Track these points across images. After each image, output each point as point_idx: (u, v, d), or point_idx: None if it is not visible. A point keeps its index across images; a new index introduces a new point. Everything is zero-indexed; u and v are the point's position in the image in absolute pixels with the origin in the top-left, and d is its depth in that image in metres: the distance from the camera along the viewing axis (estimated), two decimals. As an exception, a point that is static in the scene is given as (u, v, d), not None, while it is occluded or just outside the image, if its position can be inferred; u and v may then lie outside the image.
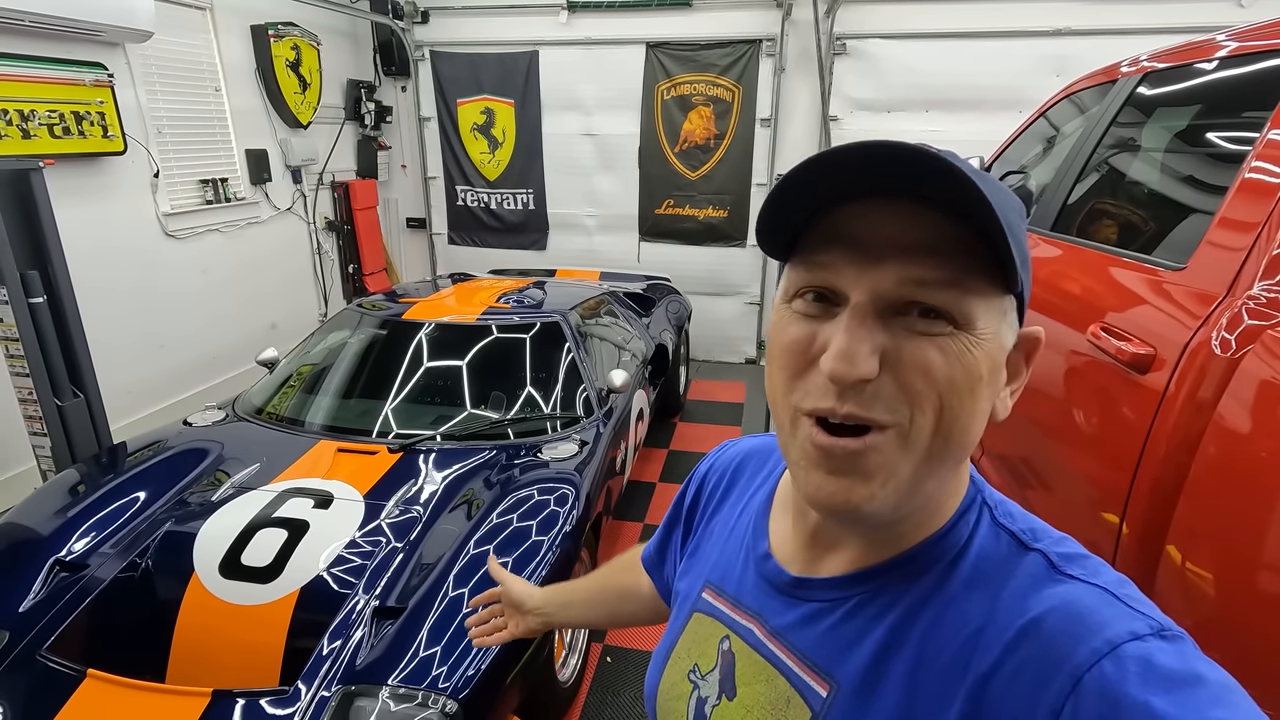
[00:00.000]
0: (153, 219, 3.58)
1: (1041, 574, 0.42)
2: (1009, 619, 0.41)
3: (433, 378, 2.52)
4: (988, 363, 0.41)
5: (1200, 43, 1.56)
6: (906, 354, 0.40)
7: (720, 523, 0.63)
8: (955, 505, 0.47)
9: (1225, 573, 1.02)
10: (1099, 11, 4.18)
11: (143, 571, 1.72)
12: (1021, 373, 0.46)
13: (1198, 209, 1.35)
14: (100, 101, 3.10)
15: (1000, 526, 0.46)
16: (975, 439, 0.43)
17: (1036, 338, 0.45)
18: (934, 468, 0.42)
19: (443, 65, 5.18)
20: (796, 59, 4.66)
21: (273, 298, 4.51)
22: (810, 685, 0.48)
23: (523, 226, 5.43)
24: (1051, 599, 0.41)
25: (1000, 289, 0.41)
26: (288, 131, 4.49)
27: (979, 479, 0.49)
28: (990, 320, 0.41)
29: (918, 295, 0.40)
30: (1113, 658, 0.37)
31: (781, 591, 0.52)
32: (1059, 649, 0.38)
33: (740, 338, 5.31)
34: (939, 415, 0.41)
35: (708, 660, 0.56)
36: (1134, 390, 1.22)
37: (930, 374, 0.40)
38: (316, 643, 1.53)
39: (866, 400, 0.40)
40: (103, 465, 2.15)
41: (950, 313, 0.40)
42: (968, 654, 0.41)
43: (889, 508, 0.43)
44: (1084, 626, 0.39)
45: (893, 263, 0.40)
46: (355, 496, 1.92)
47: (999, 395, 0.44)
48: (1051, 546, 0.44)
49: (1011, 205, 0.41)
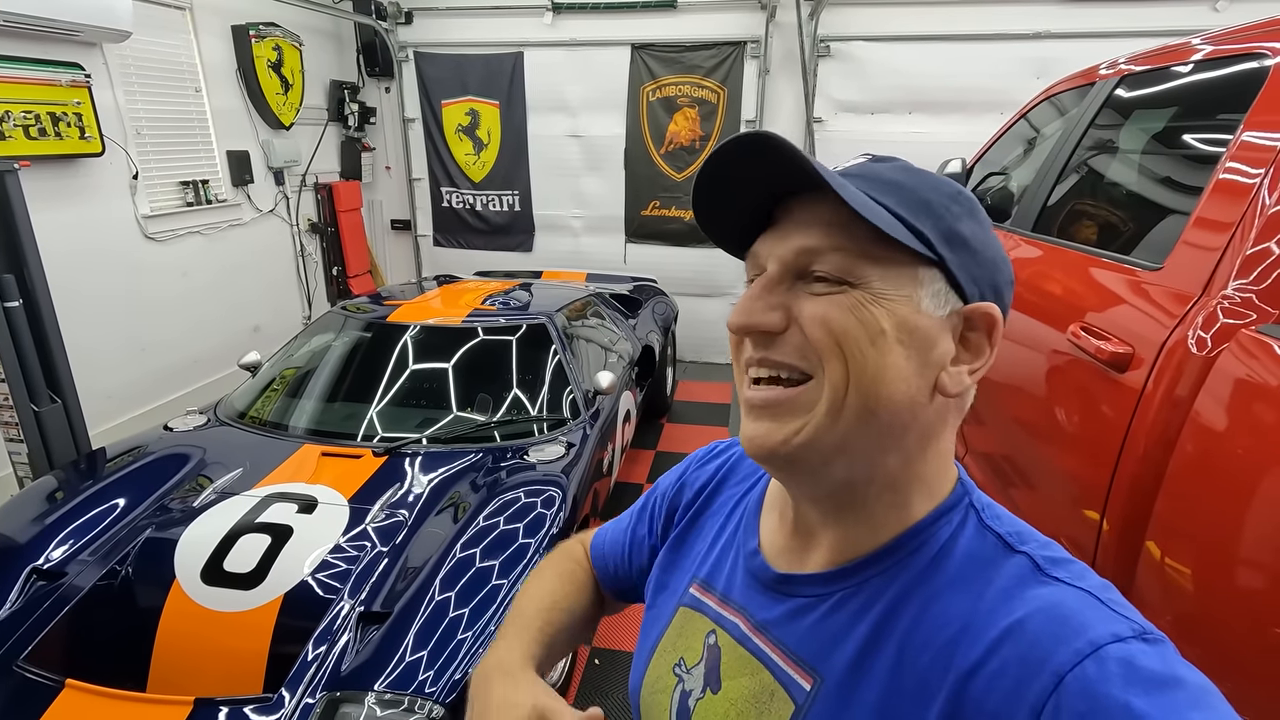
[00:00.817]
0: (132, 221, 3.53)
1: (1027, 576, 0.43)
2: (993, 618, 0.42)
3: (418, 380, 2.51)
4: (892, 320, 0.44)
5: (1176, 46, 1.59)
6: (805, 310, 0.45)
7: (709, 520, 0.64)
8: (933, 501, 0.48)
9: (1202, 568, 1.04)
10: (1078, 15, 4.24)
11: (122, 579, 1.69)
12: (985, 352, 0.47)
13: (1174, 209, 1.37)
14: (77, 102, 3.05)
15: (987, 528, 0.47)
16: (893, 394, 0.44)
17: (988, 313, 0.46)
18: (855, 421, 0.45)
19: (427, 66, 5.15)
20: (781, 61, 4.68)
21: (255, 301, 4.46)
22: (794, 679, 0.48)
23: (508, 228, 5.42)
24: (1036, 600, 0.41)
25: (910, 257, 0.44)
26: (270, 133, 4.44)
27: (968, 482, 0.50)
28: (895, 283, 0.44)
29: (809, 261, 0.46)
30: (1095, 658, 0.37)
31: (768, 587, 0.53)
32: (1042, 649, 0.39)
33: (726, 338, 5.28)
34: (845, 365, 0.44)
35: (693, 654, 0.57)
36: (1113, 389, 1.24)
37: (826, 324, 0.44)
38: (301, 649, 1.52)
39: (776, 349, 0.46)
40: (81, 471, 2.11)
41: (838, 275, 0.45)
42: (950, 651, 0.42)
43: (812, 454, 0.46)
44: (1068, 628, 0.39)
45: (794, 237, 0.46)
46: (340, 501, 1.90)
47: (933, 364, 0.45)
48: (1037, 550, 0.45)
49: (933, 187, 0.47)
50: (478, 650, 1.52)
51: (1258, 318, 1.03)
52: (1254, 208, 1.09)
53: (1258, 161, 1.13)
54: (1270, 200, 1.07)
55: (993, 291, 0.47)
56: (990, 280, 0.47)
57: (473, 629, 1.56)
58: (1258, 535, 0.94)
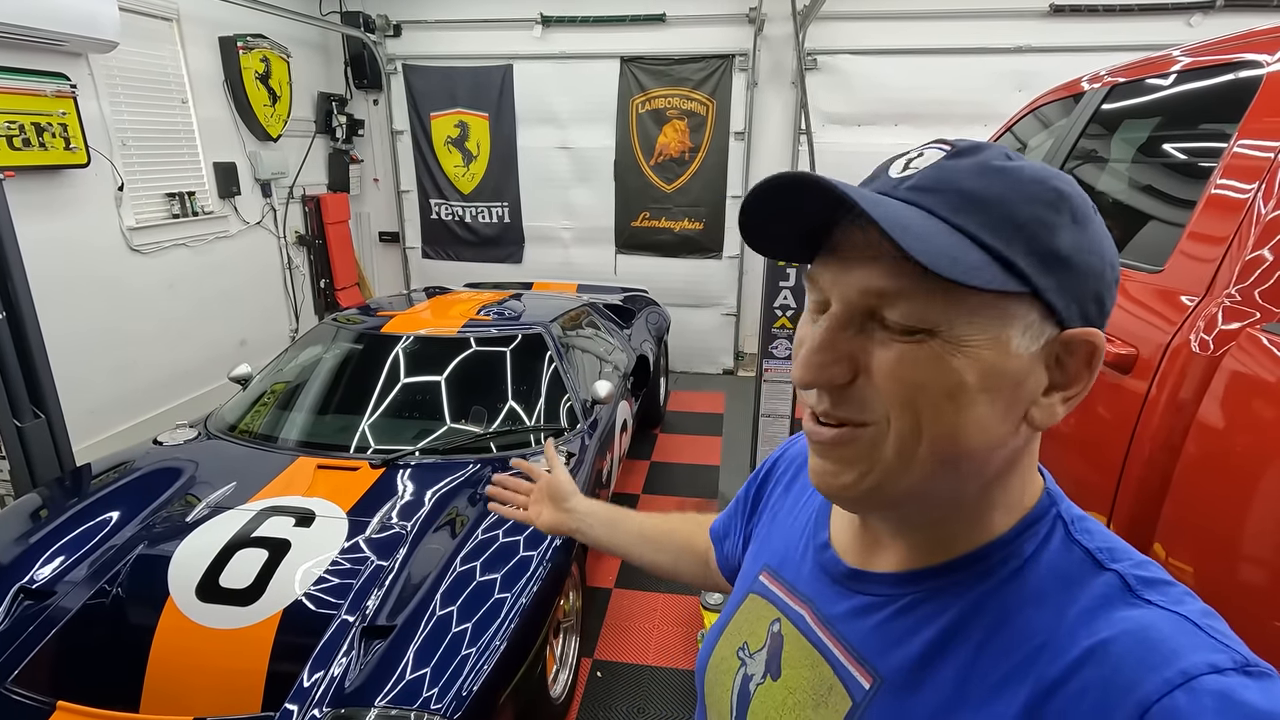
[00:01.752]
0: (117, 233, 3.47)
1: (1115, 595, 0.40)
2: (1074, 637, 0.39)
3: (414, 392, 2.48)
4: (976, 369, 0.39)
5: (1163, 56, 1.62)
6: (876, 360, 0.41)
7: (785, 510, 0.64)
8: (1014, 515, 0.45)
9: (1210, 570, 1.04)
10: (1058, 30, 4.34)
11: (114, 597, 1.65)
12: (1082, 378, 0.42)
13: (1175, 209, 1.39)
14: (62, 113, 3.00)
15: (1074, 542, 0.44)
16: (976, 445, 0.41)
17: (1092, 340, 0.41)
18: (928, 469, 0.42)
19: (416, 79, 5.15)
20: (769, 74, 4.74)
21: (242, 313, 4.40)
22: (854, 676, 0.48)
23: (498, 239, 5.41)
24: (1124, 622, 0.38)
25: (1004, 293, 0.39)
26: (257, 144, 4.41)
27: (1056, 492, 0.47)
28: (979, 325, 0.39)
29: (877, 306, 0.41)
30: (1187, 690, 0.34)
31: (836, 581, 0.52)
32: (1126, 675, 0.36)
33: (718, 349, 5.34)
34: (917, 418, 0.40)
35: (757, 640, 0.57)
36: (1117, 392, 1.25)
37: (900, 378, 0.40)
38: (301, 666, 1.48)
39: (842, 401, 0.43)
40: (66, 488, 2.06)
41: (909, 322, 0.40)
42: (1026, 669, 0.40)
43: (879, 501, 0.44)
44: (1157, 654, 0.36)
45: (859, 271, 0.41)
46: (338, 514, 1.87)
47: (1022, 400, 0.41)
48: (1130, 569, 0.41)
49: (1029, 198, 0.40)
50: (482, 665, 1.50)
51: (1262, 317, 1.04)
52: (1257, 208, 1.12)
53: (1253, 172, 1.16)
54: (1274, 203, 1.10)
55: (1095, 303, 0.42)
56: (1093, 292, 0.41)
57: (476, 644, 1.53)
58: (1265, 535, 0.95)
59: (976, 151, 0.41)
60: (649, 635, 2.41)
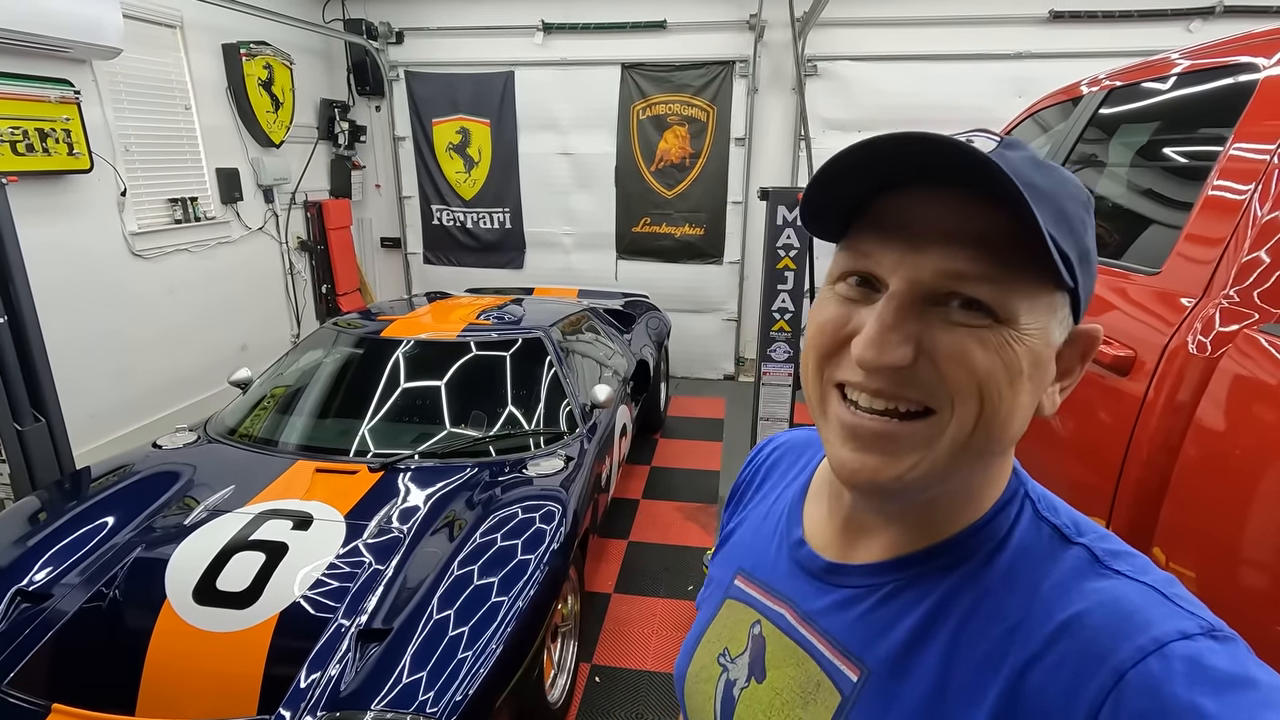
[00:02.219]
0: (119, 238, 3.49)
1: (1085, 568, 0.42)
2: (1050, 612, 0.40)
3: (413, 395, 2.48)
4: (1030, 358, 0.40)
5: (1160, 60, 1.63)
6: (943, 344, 0.40)
7: (754, 512, 0.63)
8: (995, 497, 0.46)
9: (1210, 573, 1.04)
10: (1057, 36, 4.35)
11: (111, 600, 1.65)
12: (1075, 370, 0.45)
13: (1172, 211, 1.39)
14: (66, 119, 3.02)
15: (1043, 520, 0.45)
16: (1018, 433, 0.42)
17: (1093, 335, 0.44)
18: (973, 459, 0.42)
19: (418, 85, 5.17)
20: (769, 80, 4.75)
21: (243, 318, 4.41)
22: (840, 669, 0.48)
23: (499, 245, 5.42)
24: (1096, 594, 0.40)
25: (1049, 284, 0.40)
26: (260, 150, 4.43)
27: (1022, 472, 0.48)
28: (1036, 316, 0.40)
29: (956, 287, 0.40)
30: (1159, 656, 0.36)
31: (815, 577, 0.52)
32: (1102, 644, 0.37)
33: (719, 354, 5.34)
34: (980, 406, 0.40)
35: (738, 644, 0.56)
36: (1116, 394, 1.25)
37: (969, 365, 0.40)
38: (297, 670, 1.48)
39: (901, 384, 0.41)
40: (65, 491, 2.06)
41: (990, 306, 0.39)
42: (1005, 646, 0.41)
43: (918, 489, 0.43)
44: (1130, 623, 0.38)
45: (932, 252, 0.40)
46: (336, 517, 1.87)
47: (1043, 389, 0.43)
48: (1096, 542, 0.43)
49: (1073, 196, 0.41)
50: (478, 669, 1.49)
51: (1259, 318, 1.04)
52: (1252, 210, 1.11)
53: (1249, 174, 1.16)
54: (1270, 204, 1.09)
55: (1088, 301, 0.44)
56: (1091, 290, 0.44)
57: (473, 647, 1.53)
58: (1264, 537, 0.95)
59: (1022, 146, 0.41)
60: (648, 640, 2.40)
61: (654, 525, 3.14)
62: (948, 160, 0.38)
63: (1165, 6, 4.20)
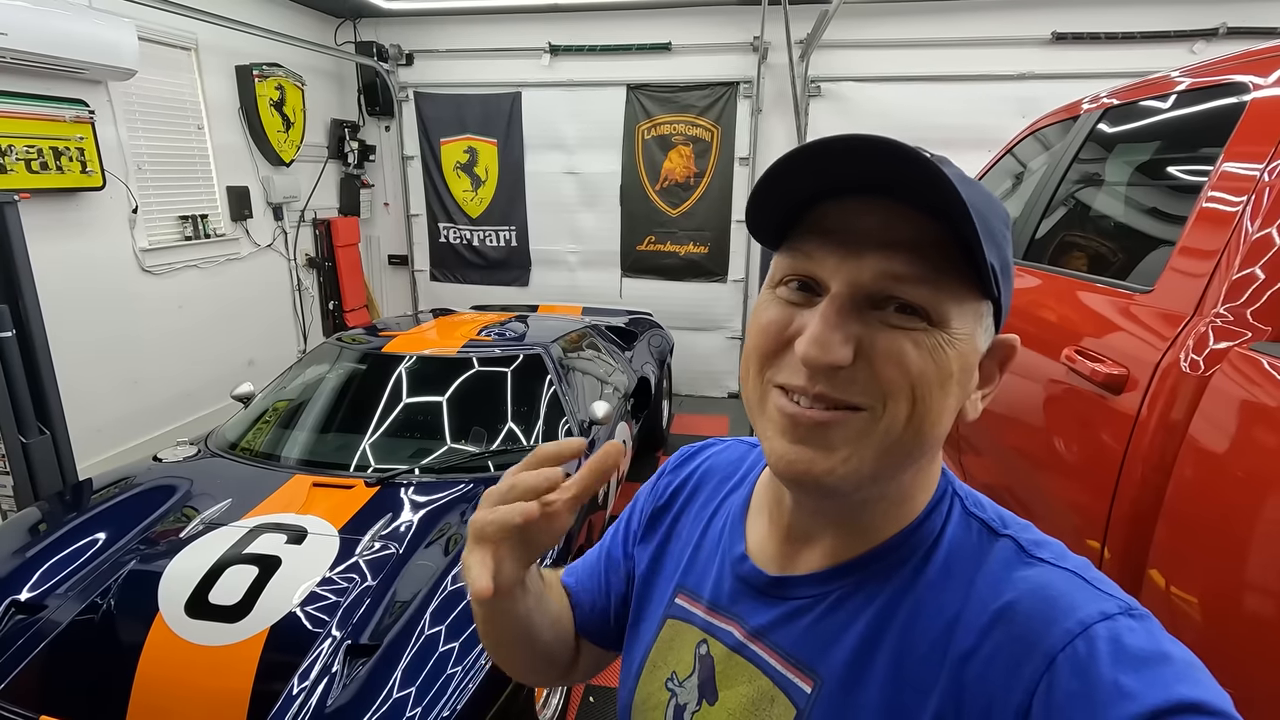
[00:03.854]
0: (130, 254, 3.54)
1: (1012, 558, 0.44)
2: (984, 604, 0.42)
3: (413, 411, 2.49)
4: (959, 362, 0.43)
5: (1156, 79, 1.63)
6: (881, 344, 0.42)
7: (687, 528, 0.61)
8: (927, 498, 0.48)
9: (1206, 595, 1.02)
10: (1061, 57, 4.37)
11: (104, 612, 1.65)
12: (995, 378, 0.47)
13: (1165, 228, 1.39)
14: (80, 137, 3.09)
15: (971, 515, 0.47)
16: (943, 433, 0.44)
17: (1011, 345, 0.47)
18: (901, 457, 0.44)
19: (426, 106, 5.26)
20: (773, 100, 4.80)
21: (251, 334, 4.46)
22: (794, 682, 0.47)
23: (505, 263, 5.46)
24: (1024, 582, 0.42)
25: (977, 294, 0.42)
26: (270, 169, 4.50)
27: (948, 472, 0.50)
28: (965, 322, 0.43)
29: (894, 290, 0.41)
30: (1084, 637, 0.38)
31: (760, 592, 0.52)
32: (1033, 631, 0.40)
33: (722, 372, 5.33)
34: (912, 406, 0.42)
35: (685, 666, 0.55)
36: (1109, 414, 1.24)
37: (904, 365, 0.41)
38: (285, 685, 1.47)
39: (838, 385, 0.42)
40: (66, 503, 2.08)
41: (925, 309, 0.41)
42: (945, 640, 0.43)
43: (850, 485, 0.43)
44: (1056, 609, 0.40)
45: (872, 256, 0.41)
46: (330, 531, 1.87)
47: (969, 396, 0.46)
48: (1020, 533, 0.46)
49: (996, 213, 0.43)
50: (468, 685, 1.48)
51: (1251, 336, 1.03)
52: (1242, 226, 1.11)
53: (1239, 192, 1.15)
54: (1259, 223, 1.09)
55: (1007, 309, 0.46)
56: (1009, 299, 0.46)
57: (463, 663, 1.51)
58: (1261, 558, 0.93)
59: (951, 164, 0.43)
60: (645, 660, 2.37)
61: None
62: (897, 169, 0.39)
63: (1168, 28, 4.21)
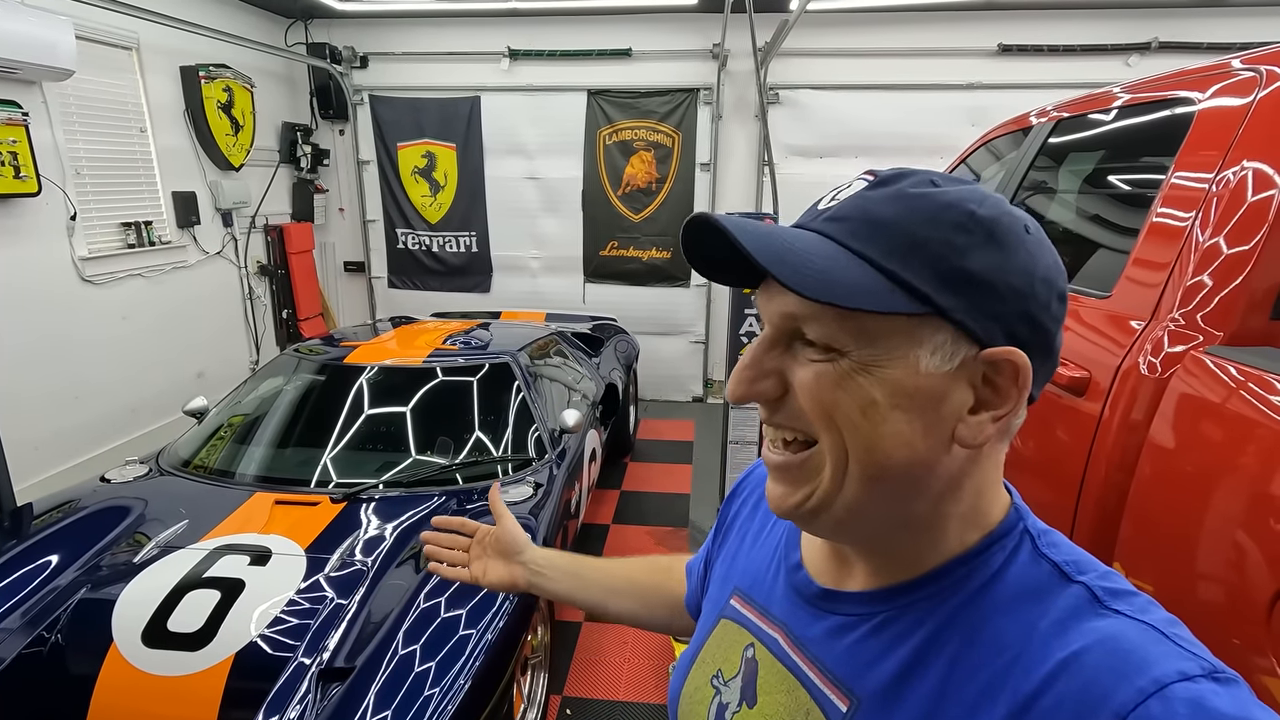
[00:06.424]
0: (68, 263, 3.36)
1: (1084, 607, 0.41)
2: (1047, 650, 0.39)
3: (378, 423, 2.43)
4: (885, 388, 0.41)
5: (1105, 93, 1.71)
6: (796, 378, 0.44)
7: (752, 531, 0.63)
8: (979, 531, 0.46)
9: (1165, 588, 1.06)
10: (1005, 68, 4.55)
11: (52, 646, 1.56)
12: (1010, 396, 0.43)
13: (1122, 233, 1.45)
14: (13, 141, 2.92)
15: (1042, 556, 0.44)
16: (899, 460, 0.42)
17: (1010, 360, 0.41)
18: (862, 486, 0.43)
19: (382, 110, 5.15)
20: (733, 107, 4.85)
21: (200, 345, 4.28)
22: (830, 699, 0.47)
23: (466, 269, 5.38)
24: (1094, 633, 0.39)
25: (900, 313, 0.40)
26: (218, 174, 4.34)
27: (1023, 508, 0.48)
28: (884, 346, 0.41)
29: (795, 326, 0.44)
30: (1160, 698, 0.35)
31: (809, 602, 0.52)
32: (1101, 686, 0.37)
33: (687, 376, 5.36)
34: (840, 436, 0.43)
35: (731, 666, 0.56)
36: (1073, 414, 1.28)
37: (816, 396, 0.43)
38: (253, 714, 1.41)
39: (780, 415, 0.46)
40: (4, 530, 1.95)
41: (820, 342, 0.43)
42: (1000, 682, 0.40)
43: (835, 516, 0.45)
44: (1129, 664, 0.37)
45: (779, 297, 0.44)
46: (296, 551, 1.81)
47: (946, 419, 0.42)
48: (1096, 580, 0.42)
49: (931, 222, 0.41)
50: (446, 707, 1.44)
51: (1204, 340, 1.08)
52: (1194, 233, 1.17)
53: (1190, 202, 1.21)
54: (1210, 230, 1.15)
55: (1024, 322, 0.42)
56: (1018, 311, 0.41)
57: (440, 684, 1.48)
58: (1216, 552, 0.97)
59: (897, 180, 0.43)
60: (619, 669, 2.36)
61: (625, 551, 3.11)
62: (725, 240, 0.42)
63: (1105, 41, 4.42)
